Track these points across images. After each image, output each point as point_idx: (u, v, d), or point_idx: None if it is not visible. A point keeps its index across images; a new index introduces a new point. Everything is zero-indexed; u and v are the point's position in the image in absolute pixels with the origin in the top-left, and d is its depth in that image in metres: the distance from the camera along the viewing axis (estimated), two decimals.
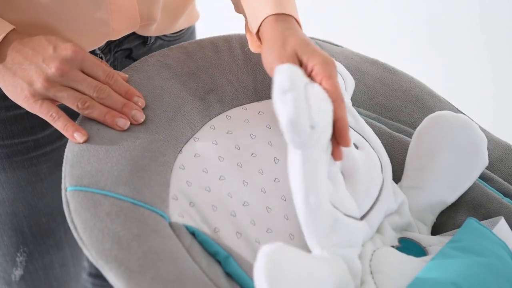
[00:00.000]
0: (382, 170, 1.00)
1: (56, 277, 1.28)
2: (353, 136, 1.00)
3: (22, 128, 1.10)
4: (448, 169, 0.99)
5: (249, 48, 1.08)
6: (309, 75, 0.91)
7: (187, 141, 0.99)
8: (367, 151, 1.00)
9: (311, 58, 0.91)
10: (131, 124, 0.96)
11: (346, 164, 0.98)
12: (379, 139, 1.06)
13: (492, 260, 0.89)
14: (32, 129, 1.11)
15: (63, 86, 0.94)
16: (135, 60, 1.08)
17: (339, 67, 1.07)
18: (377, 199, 0.97)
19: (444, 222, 1.02)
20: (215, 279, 0.85)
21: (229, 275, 0.87)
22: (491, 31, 2.71)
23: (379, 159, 1.00)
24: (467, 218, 0.96)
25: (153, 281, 0.80)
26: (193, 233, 0.91)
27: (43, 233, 1.21)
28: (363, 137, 1.02)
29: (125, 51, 1.16)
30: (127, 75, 1.02)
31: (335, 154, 0.90)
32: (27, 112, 1.07)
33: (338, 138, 0.89)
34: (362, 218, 0.95)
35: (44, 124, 1.11)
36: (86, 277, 1.53)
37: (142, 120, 0.97)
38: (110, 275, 0.82)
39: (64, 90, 0.94)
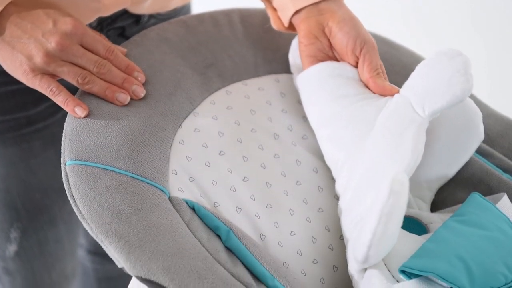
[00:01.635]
0: None
1: (50, 253, 1.28)
2: None
3: (14, 104, 1.09)
4: (443, 145, 0.99)
5: (269, 25, 1.08)
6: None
7: (186, 116, 0.98)
8: None
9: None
10: (131, 99, 0.96)
11: None
12: None
13: (495, 234, 0.89)
14: (24, 105, 1.10)
15: (63, 61, 0.93)
16: (128, 38, 1.07)
17: None
18: None
19: (443, 199, 1.02)
20: (215, 253, 0.85)
21: (229, 249, 0.87)
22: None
23: None
24: (471, 193, 0.95)
25: (153, 254, 0.80)
26: (193, 208, 0.90)
27: (37, 210, 1.21)
28: None
29: (117, 29, 1.15)
30: (125, 49, 1.01)
31: None
32: (19, 89, 1.06)
33: None
34: None
35: (36, 101, 1.10)
36: (84, 254, 1.53)
37: (143, 95, 0.97)
38: (110, 249, 0.82)
39: (64, 65, 0.93)
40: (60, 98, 0.94)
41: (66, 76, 0.94)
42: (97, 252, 1.51)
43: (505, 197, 0.96)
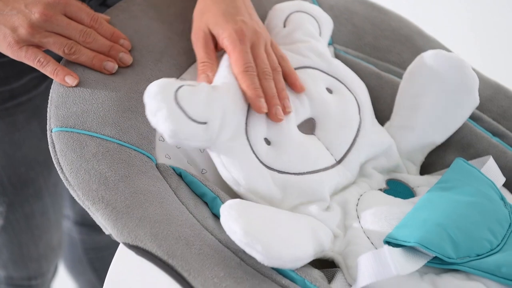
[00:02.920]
0: (359, 111, 0.99)
1: (37, 225, 1.28)
2: (325, 80, 1.00)
3: None
4: (439, 109, 0.99)
5: None
6: (222, 49, 0.95)
7: None
8: (342, 93, 1.00)
9: (220, 32, 0.94)
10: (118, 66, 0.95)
11: (317, 109, 0.97)
12: (367, 79, 1.05)
13: (480, 200, 0.89)
14: (7, 79, 1.09)
15: (48, 32, 0.92)
16: (109, 7, 1.05)
17: (314, 10, 1.06)
18: (354, 140, 0.97)
19: (433, 162, 1.02)
20: (202, 220, 0.85)
21: (216, 216, 0.87)
22: None
23: (356, 100, 1.00)
24: (455, 158, 0.95)
25: (140, 221, 0.80)
26: (180, 175, 0.90)
27: (22, 183, 1.21)
28: (337, 79, 1.01)
29: None
30: (109, 17, 1.00)
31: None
32: (1, 63, 1.05)
33: None
34: (339, 162, 0.95)
35: (19, 74, 1.09)
36: (71, 226, 1.53)
37: (130, 62, 0.96)
38: (97, 216, 0.82)
39: (49, 36, 0.92)
40: (49, 69, 0.92)
41: (51, 46, 0.92)
42: (84, 223, 1.51)
43: (490, 160, 0.96)
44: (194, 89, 0.87)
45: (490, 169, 0.96)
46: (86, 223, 1.50)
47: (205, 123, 0.86)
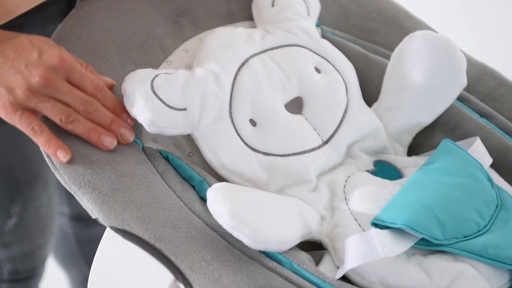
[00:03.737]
0: (346, 92, 0.99)
1: (44, 214, 1.28)
2: (313, 59, 1.00)
3: None
4: (427, 89, 0.99)
5: None
6: None
7: (159, 65, 0.97)
8: (330, 73, 0.99)
9: None
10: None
11: (305, 89, 0.97)
12: (355, 60, 1.05)
13: (467, 181, 0.89)
14: None
15: (46, 97, 0.85)
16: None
17: None
18: (341, 121, 0.97)
19: (420, 143, 1.02)
20: (190, 203, 0.84)
21: (203, 199, 0.87)
22: None
23: (344, 81, 0.99)
24: (442, 140, 0.95)
25: (127, 205, 0.80)
26: (167, 158, 0.90)
27: (35, 177, 1.20)
28: (325, 59, 1.00)
29: None
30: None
31: None
32: None
33: None
34: (325, 142, 0.95)
35: None
36: (66, 221, 1.52)
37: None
38: (84, 200, 0.81)
39: (47, 101, 0.84)
40: (41, 139, 0.85)
41: (48, 113, 0.85)
42: (79, 218, 1.50)
43: (477, 141, 0.96)
44: (170, 77, 0.87)
45: (477, 150, 0.96)
46: (82, 218, 1.48)
47: (184, 109, 0.86)
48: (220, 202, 0.77)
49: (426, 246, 0.82)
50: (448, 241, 0.82)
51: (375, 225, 0.82)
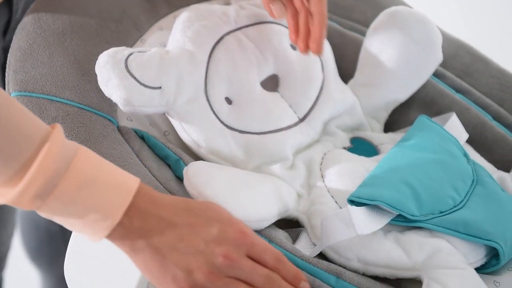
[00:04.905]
0: (322, 69, 0.99)
1: (7, 209, 1.26)
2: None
3: None
4: (403, 66, 0.99)
5: None
6: None
7: (134, 43, 0.96)
8: None
9: None
10: None
11: (280, 66, 0.96)
12: (331, 37, 1.04)
13: (443, 157, 0.89)
14: None
15: (228, 277, 0.74)
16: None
17: None
18: (317, 99, 0.96)
19: (396, 120, 1.02)
20: (165, 182, 0.84)
21: (179, 178, 0.86)
22: None
23: (320, 58, 0.99)
24: (419, 116, 0.96)
25: None
26: (143, 137, 0.90)
27: None
28: None
29: None
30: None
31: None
32: None
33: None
34: (302, 119, 0.95)
35: None
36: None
37: None
38: None
39: (230, 283, 0.74)
40: None
41: None
42: None
43: (453, 117, 0.96)
44: (145, 55, 0.86)
45: (453, 125, 0.96)
46: None
47: (159, 87, 0.86)
48: (195, 181, 0.77)
49: (403, 222, 0.83)
50: (425, 217, 0.82)
51: (352, 202, 0.83)
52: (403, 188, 0.83)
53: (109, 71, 0.84)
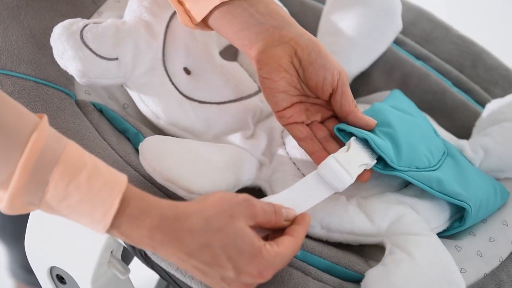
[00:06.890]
0: None
1: None
2: None
3: None
4: (363, 33, 0.98)
5: None
6: None
7: (90, 16, 0.95)
8: None
9: None
10: None
11: None
12: (290, 6, 1.04)
13: (421, 121, 0.90)
14: None
15: None
16: None
17: None
18: None
19: (357, 88, 1.02)
20: (125, 155, 0.83)
21: (138, 152, 0.85)
22: None
23: None
24: (393, 90, 0.95)
25: None
26: (101, 110, 0.89)
27: None
28: None
29: None
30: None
31: None
32: None
33: None
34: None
35: None
36: None
37: None
38: None
39: None
40: None
41: None
42: None
43: None
44: (100, 26, 0.85)
45: None
46: None
47: (115, 59, 0.84)
48: (151, 156, 0.76)
49: (380, 170, 0.82)
50: (402, 168, 0.82)
51: (339, 130, 0.83)
52: (386, 135, 0.83)
53: (64, 43, 0.82)
